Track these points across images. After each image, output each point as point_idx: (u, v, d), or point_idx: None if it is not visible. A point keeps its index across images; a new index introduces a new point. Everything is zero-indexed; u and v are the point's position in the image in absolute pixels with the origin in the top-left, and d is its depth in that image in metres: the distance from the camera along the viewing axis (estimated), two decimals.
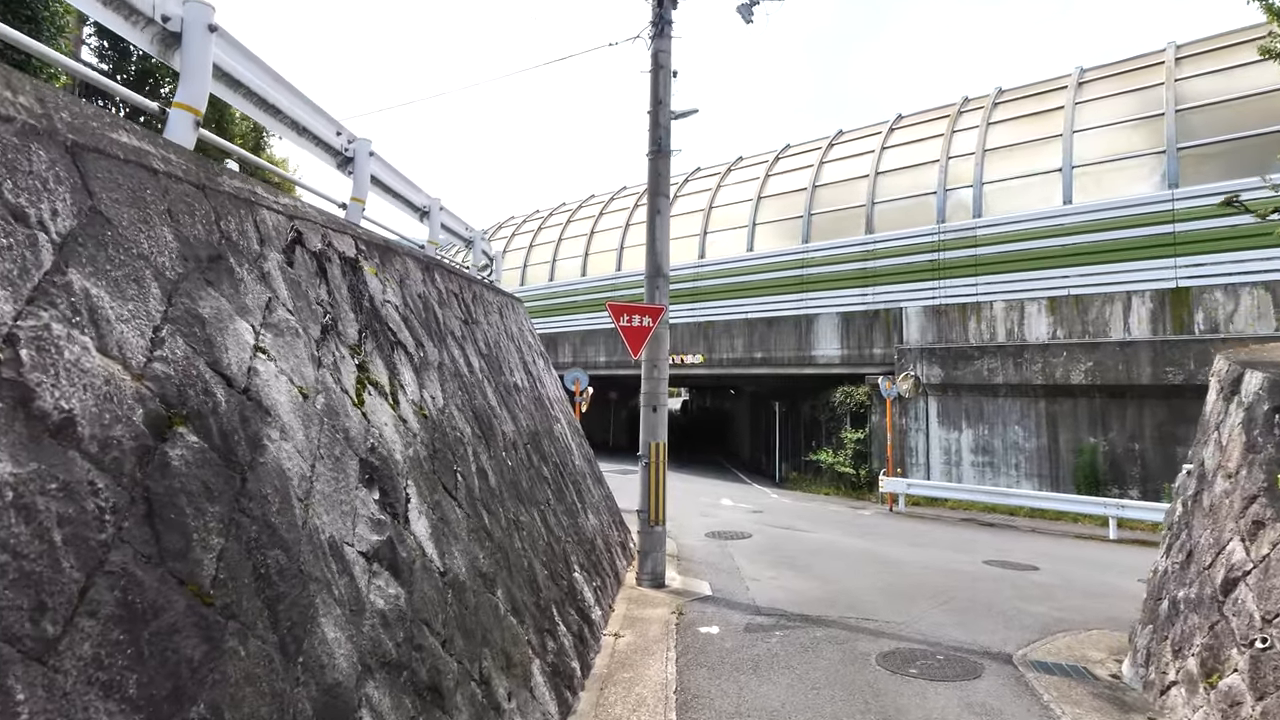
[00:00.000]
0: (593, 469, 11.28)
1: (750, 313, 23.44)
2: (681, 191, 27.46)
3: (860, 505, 18.46)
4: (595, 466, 11.71)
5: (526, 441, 7.01)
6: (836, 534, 13.82)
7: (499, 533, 4.76)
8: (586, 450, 11.44)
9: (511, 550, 4.91)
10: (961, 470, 18.53)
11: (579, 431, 11.72)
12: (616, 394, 34.52)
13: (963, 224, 19.36)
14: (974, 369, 18.34)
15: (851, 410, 20.78)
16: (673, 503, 18.64)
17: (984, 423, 18.31)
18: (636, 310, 8.60)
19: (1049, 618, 7.98)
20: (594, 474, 11.10)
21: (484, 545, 4.35)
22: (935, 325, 19.52)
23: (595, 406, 36.29)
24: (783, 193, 23.81)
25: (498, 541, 4.64)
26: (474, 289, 7.97)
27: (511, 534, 5.07)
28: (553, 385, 11.10)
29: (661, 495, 8.88)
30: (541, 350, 11.81)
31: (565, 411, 11.22)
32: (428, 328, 5.31)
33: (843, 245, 21.52)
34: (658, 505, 8.85)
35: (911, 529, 14.75)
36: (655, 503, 8.83)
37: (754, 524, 14.74)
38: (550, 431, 8.65)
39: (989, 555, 11.93)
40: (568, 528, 7.09)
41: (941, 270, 19.56)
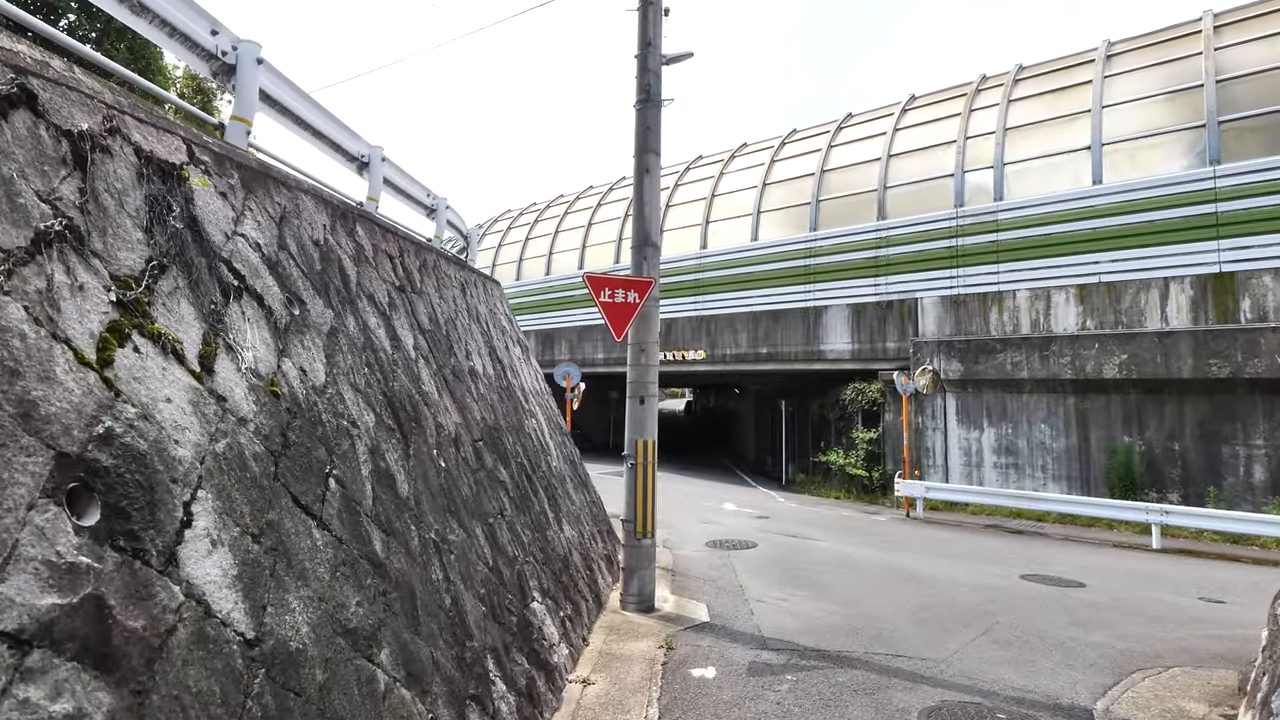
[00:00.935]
0: (576, 471, 9.90)
1: (755, 305, 22.03)
2: (683, 180, 26.09)
3: (874, 510, 17.02)
4: (580, 469, 10.33)
5: (479, 438, 5.63)
6: (850, 543, 12.40)
7: (401, 562, 3.37)
8: (570, 450, 10.06)
9: (424, 584, 3.53)
10: (983, 472, 17.08)
11: (561, 429, 10.34)
12: (617, 393, 33.10)
13: (982, 208, 17.93)
14: (996, 363, 16.90)
15: (863, 408, 19.35)
16: (672, 507, 17.25)
17: (1007, 421, 16.86)
18: (620, 284, 7.22)
19: (1115, 651, 6.55)
20: (578, 477, 9.72)
21: (364, 585, 2.96)
22: (953, 316, 18.08)
23: (594, 405, 34.95)
24: (789, 179, 22.41)
25: (396, 575, 3.25)
26: (424, 256, 6.60)
27: (428, 561, 3.68)
28: (531, 377, 9.72)
29: (651, 503, 7.49)
30: (520, 338, 10.44)
31: (545, 406, 9.85)
32: (322, 284, 3.94)
33: (853, 233, 20.10)
34: (646, 515, 7.46)
35: (932, 537, 13.31)
36: (643, 512, 7.45)
37: (759, 531, 13.33)
38: (519, 427, 7.27)
39: (1024, 568, 10.49)
40: (530, 544, 5.71)
41: (960, 258, 18.13)
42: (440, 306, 6.39)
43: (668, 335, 24.25)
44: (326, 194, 4.77)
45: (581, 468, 10.42)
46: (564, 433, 10.43)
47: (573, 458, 10.04)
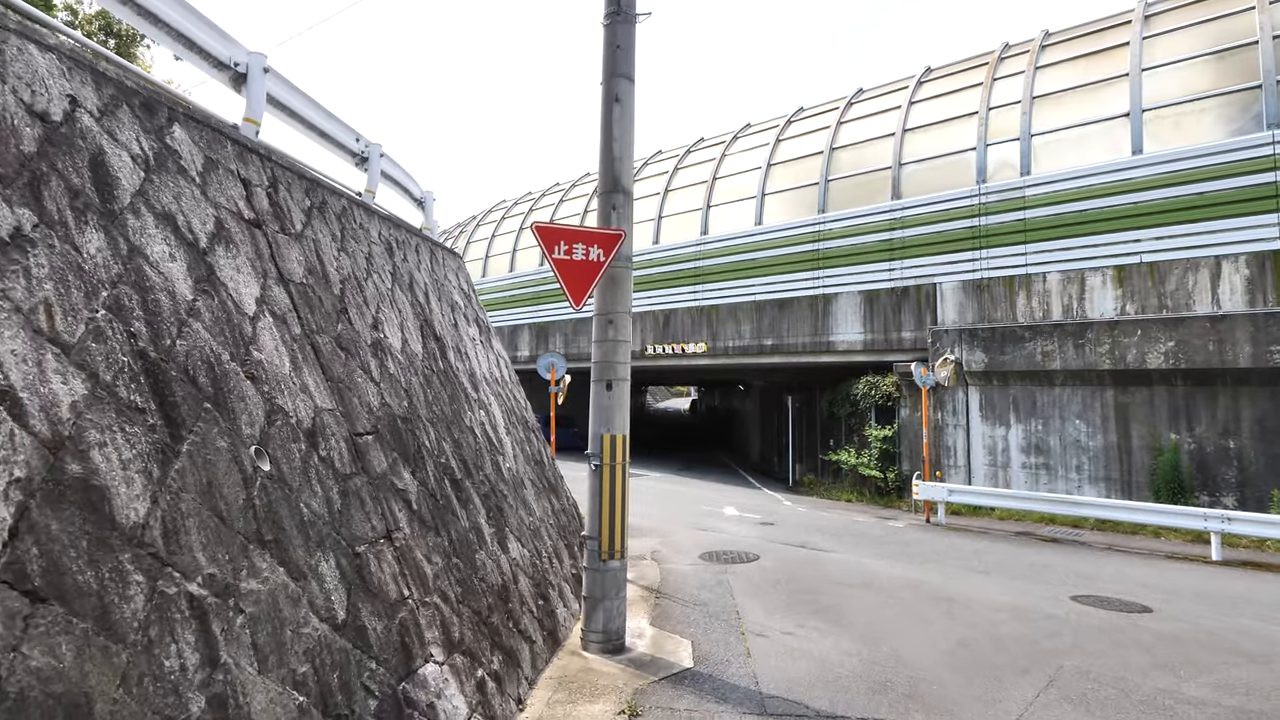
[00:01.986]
0: (544, 474, 8.33)
1: (759, 294, 20.41)
2: (682, 164, 24.50)
3: (889, 515, 15.37)
4: (550, 470, 8.75)
5: (366, 430, 4.07)
6: (868, 555, 10.77)
7: (68, 654, 1.81)
8: (536, 449, 8.49)
9: (132, 686, 1.97)
10: (1010, 473, 15.42)
11: (527, 423, 8.76)
12: None
13: (1008, 183, 16.25)
14: (1024, 353, 15.22)
15: (876, 404, 17.70)
16: (667, 512, 15.64)
17: (1037, 417, 15.18)
18: (581, 236, 5.63)
19: (1228, 710, 4.93)
20: (544, 481, 8.14)
21: None
22: (976, 302, 16.42)
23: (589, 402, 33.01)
24: (796, 158, 20.76)
25: (47, 678, 1.70)
26: (321, 198, 5.04)
27: (158, 639, 2.12)
28: (488, 362, 8.15)
29: (621, 514, 5.90)
30: (481, 318, 8.87)
31: (507, 397, 8.28)
32: (33, 174, 2.39)
33: (865, 214, 18.45)
34: (615, 529, 5.88)
35: (958, 547, 11.67)
36: (611, 526, 5.86)
37: (763, 540, 11.73)
38: (453, 420, 5.70)
39: (1073, 586, 8.85)
40: (439, 575, 4.14)
41: (983, 238, 16.46)
42: (336, 260, 4.83)
43: (666, 327, 22.67)
44: (114, 72, 3.21)
45: (552, 469, 8.84)
46: (531, 427, 8.86)
47: (540, 457, 8.47)
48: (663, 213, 23.52)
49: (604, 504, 5.83)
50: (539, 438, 8.91)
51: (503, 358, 9.06)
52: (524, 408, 8.97)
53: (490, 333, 8.96)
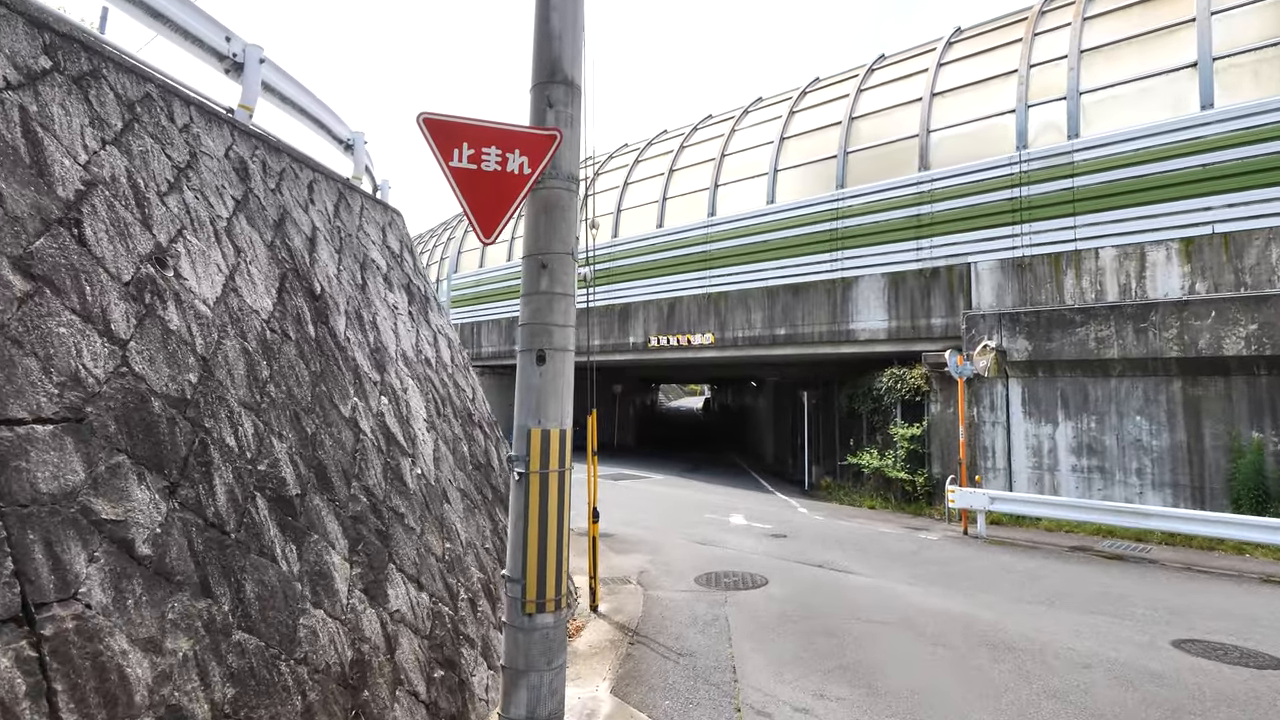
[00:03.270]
0: (488, 481, 6.49)
1: (771, 279, 18.48)
2: (689, 141, 22.61)
3: (919, 525, 13.40)
4: (496, 478, 6.92)
5: (50, 414, 2.29)
6: (899, 577, 8.85)
7: None
8: (479, 450, 6.66)
9: None
10: (1057, 478, 13.40)
11: (470, 417, 6.92)
12: (622, 387, 29.67)
13: (1053, 148, 14.24)
14: (1075, 339, 13.21)
15: (902, 399, 15.74)
16: (665, 519, 13.50)
17: (1090, 412, 13.16)
18: (496, 136, 3.78)
19: None
20: (484, 492, 6.30)
21: None
22: (1016, 283, 14.42)
23: (596, 401, 31.13)
24: (811, 130, 18.81)
25: None
26: (145, 91, 3.24)
27: None
28: (414, 338, 6.32)
29: (557, 546, 4.04)
30: (414, 285, 7.05)
31: (439, 383, 6.46)
32: None
33: (889, 188, 16.48)
34: (549, 569, 4.00)
35: (1009, 567, 9.72)
36: (542, 563, 3.99)
37: (773, 557, 9.84)
38: (315, 407, 3.89)
39: (1167, 626, 6.89)
40: (167, 678, 2.34)
41: (1024, 211, 14.45)
42: (96, 155, 3.02)
43: (670, 317, 20.79)
44: None
45: (500, 476, 7.00)
46: (478, 423, 7.03)
47: (487, 460, 6.64)
48: (667, 194, 21.64)
49: (531, 530, 3.97)
50: (491, 435, 7.08)
51: (444, 335, 7.25)
52: (470, 398, 7.14)
53: (429, 304, 7.15)
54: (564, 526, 4.10)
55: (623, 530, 11.66)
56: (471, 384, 7.43)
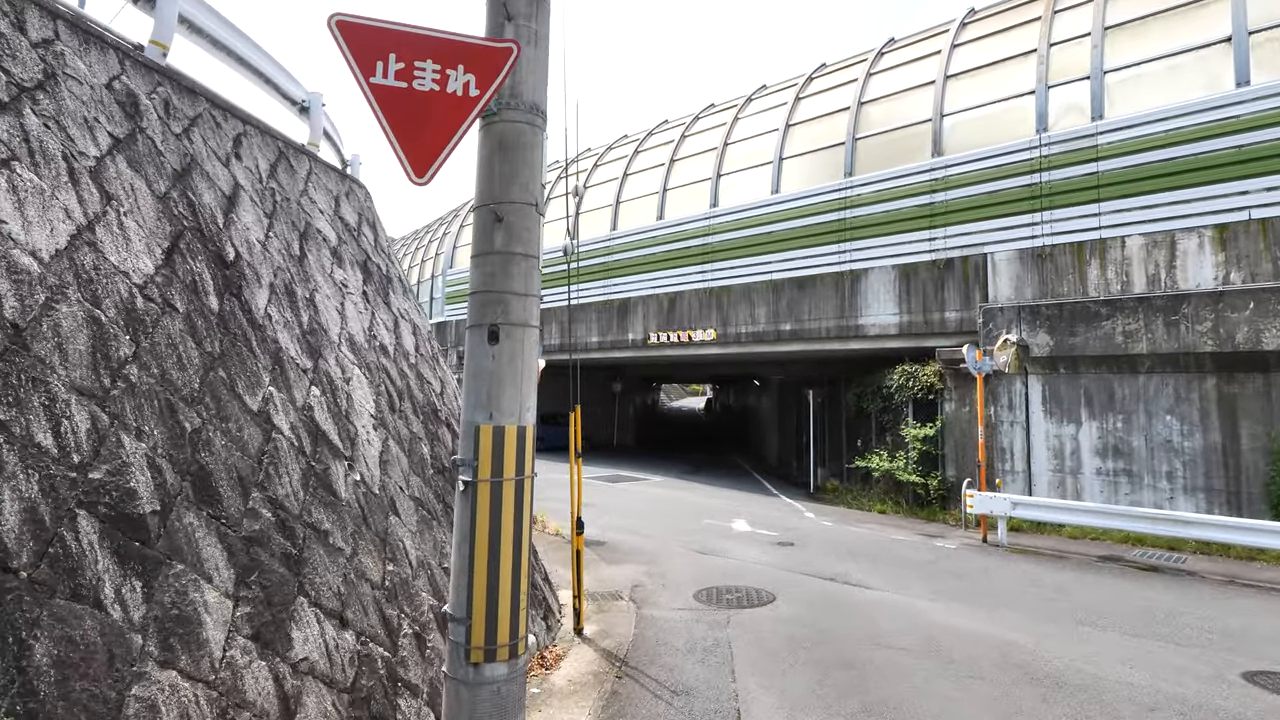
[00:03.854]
0: (447, 483, 5.64)
1: (776, 272, 17.62)
2: (690, 130, 21.75)
3: (934, 532, 12.53)
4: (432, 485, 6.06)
5: None
6: (919, 592, 7.98)
7: None
8: (445, 452, 5.80)
9: None
10: (1081, 481, 12.52)
11: (436, 414, 6.07)
12: (621, 386, 28.81)
13: (1075, 130, 13.36)
14: (1100, 333, 12.33)
15: (914, 397, 14.86)
16: (664, 525, 11.89)
17: (1116, 411, 12.28)
18: (432, 47, 2.96)
19: None
20: (438, 500, 5.45)
21: None
22: (1036, 274, 13.54)
23: (594, 399, 30.56)
24: (818, 116, 17.95)
25: None
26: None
27: None
28: (366, 321, 5.47)
29: (514, 575, 3.17)
30: (372, 263, 6.21)
31: (397, 374, 5.61)
32: None
33: (900, 175, 15.61)
34: (502, 605, 3.14)
35: (1037, 579, 8.84)
36: (493, 598, 3.11)
37: (779, 568, 8.97)
38: (205, 396, 3.07)
39: (1232, 652, 6.00)
40: None
41: (1045, 197, 13.58)
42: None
43: (670, 312, 19.93)
44: None
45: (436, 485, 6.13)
46: (445, 421, 6.17)
47: (430, 459, 5.77)
48: (667, 185, 20.78)
49: (480, 556, 3.11)
50: (449, 435, 6.22)
51: (409, 320, 6.39)
52: (438, 392, 6.29)
53: (391, 285, 6.31)
54: (522, 551, 3.27)
55: (617, 537, 10.81)
56: (440, 376, 6.58)
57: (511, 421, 3.29)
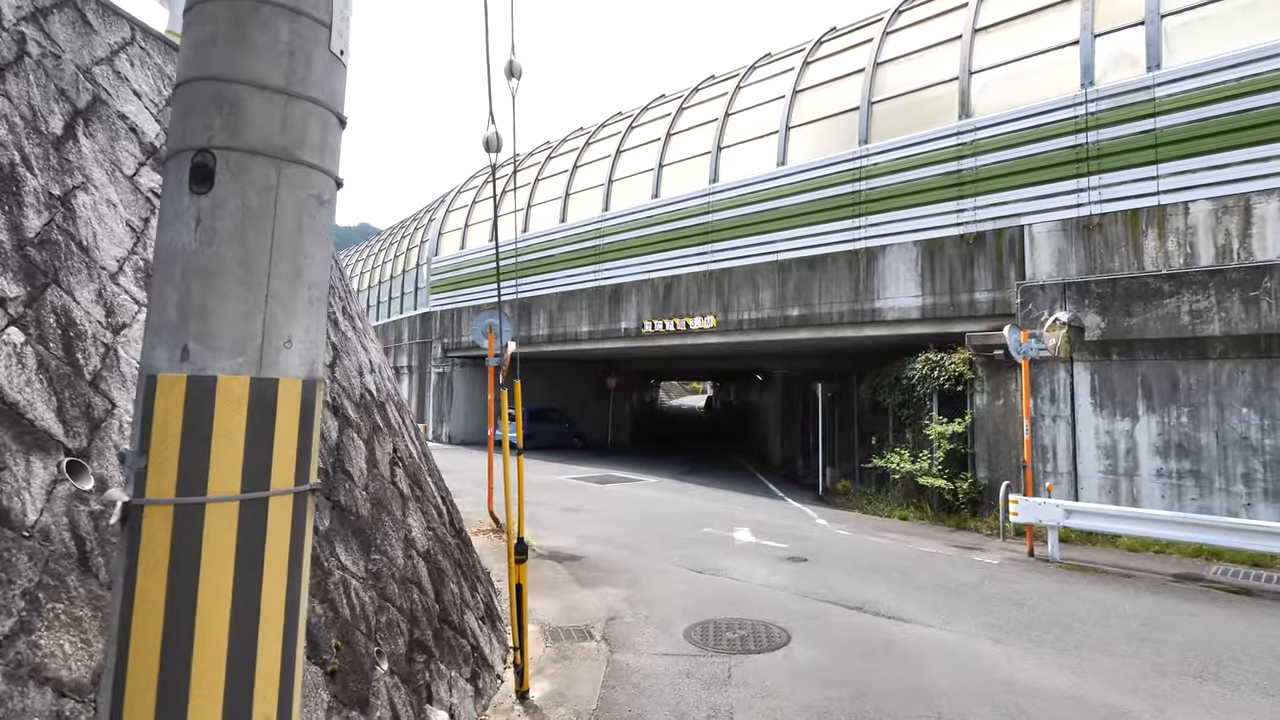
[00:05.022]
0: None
1: (782, 251, 15.84)
2: (688, 103, 19.96)
3: (969, 543, 10.74)
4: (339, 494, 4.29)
5: None
6: (973, 628, 6.21)
7: None
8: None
9: None
10: (1137, 484, 10.75)
11: None
12: (616, 381, 27.05)
13: (1128, 82, 11.58)
14: (1162, 313, 10.56)
15: (940, 389, 13.07)
16: (653, 535, 9.52)
17: (1180, 403, 10.50)
18: None
19: None
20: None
21: None
22: (1082, 247, 11.76)
23: (588, 395, 28.77)
24: (829, 80, 16.17)
25: None
26: None
27: None
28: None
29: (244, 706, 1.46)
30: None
31: None
32: None
33: (923, 140, 13.83)
34: None
35: (1111, 607, 7.05)
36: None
37: (793, 593, 7.19)
38: None
39: None
40: None
41: (1091, 160, 11.80)
42: None
43: (667, 298, 18.16)
44: None
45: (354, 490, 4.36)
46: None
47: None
48: (663, 161, 19.01)
49: (136, 671, 1.35)
50: (359, 421, 4.44)
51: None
52: (326, 362, 4.51)
53: None
54: (294, 655, 1.41)
55: (597, 550, 9.05)
56: (342, 340, 4.82)
57: (246, 367, 1.46)
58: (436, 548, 4.82)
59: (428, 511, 5.02)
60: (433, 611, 4.30)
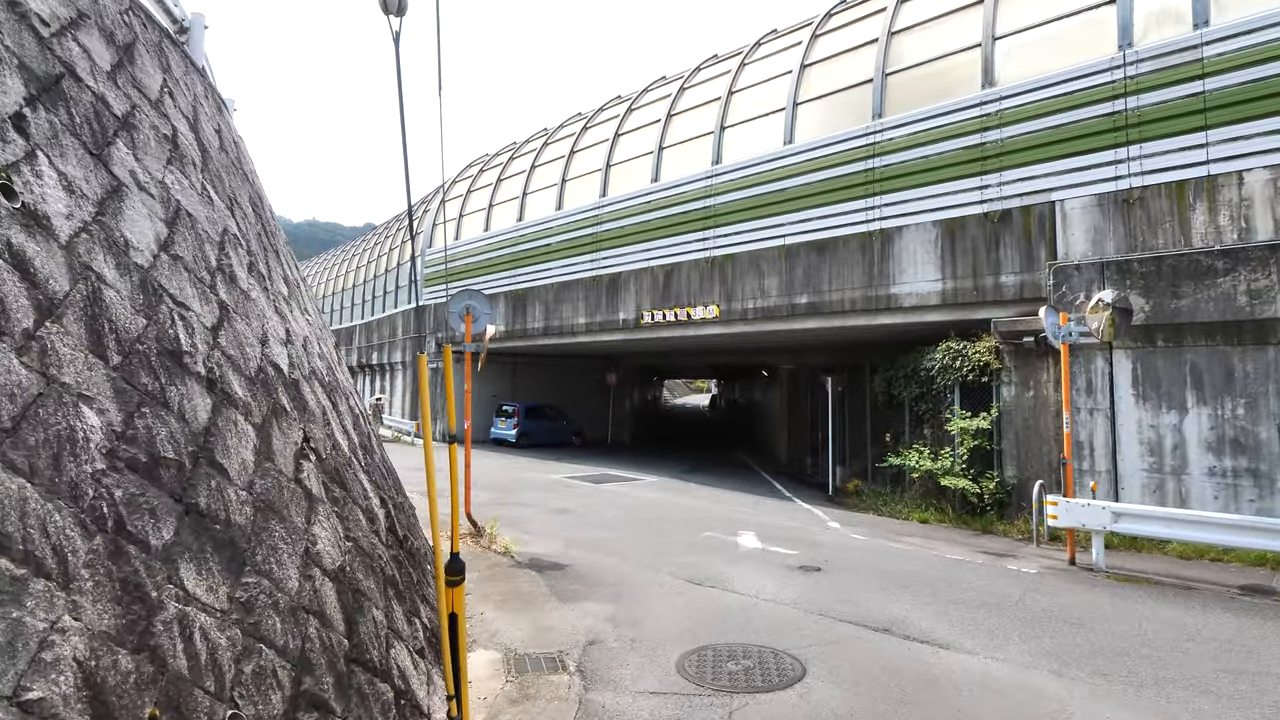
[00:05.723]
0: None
1: (790, 235, 14.75)
2: (690, 82, 18.89)
3: (1000, 549, 9.64)
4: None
5: None
6: (1025, 656, 5.12)
7: None
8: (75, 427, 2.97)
9: None
10: (1185, 483, 9.64)
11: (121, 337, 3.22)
12: (616, 377, 25.99)
13: (1172, 42, 10.47)
14: (1215, 294, 9.46)
15: (963, 380, 11.97)
16: (646, 541, 8.20)
17: (1235, 394, 9.39)
18: None
19: None
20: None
21: None
22: (1121, 224, 10.66)
23: (587, 392, 27.65)
24: (840, 52, 15.08)
25: None
26: None
27: None
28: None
29: None
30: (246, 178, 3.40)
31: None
32: None
33: (942, 112, 12.73)
34: None
35: (1183, 627, 5.95)
36: None
37: (805, 610, 6.11)
38: None
39: None
40: None
41: (1131, 128, 10.69)
42: None
43: (666, 288, 17.10)
44: None
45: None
46: (186, 372, 3.32)
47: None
48: (663, 143, 17.94)
49: None
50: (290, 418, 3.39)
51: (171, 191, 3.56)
52: (209, 324, 3.45)
53: (136, 133, 3.46)
54: None
55: (583, 558, 7.98)
56: (227, 299, 3.76)
57: None
58: (357, 563, 3.76)
59: (350, 517, 3.97)
60: (338, 650, 3.25)
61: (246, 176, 5.57)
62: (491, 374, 24.73)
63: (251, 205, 5.22)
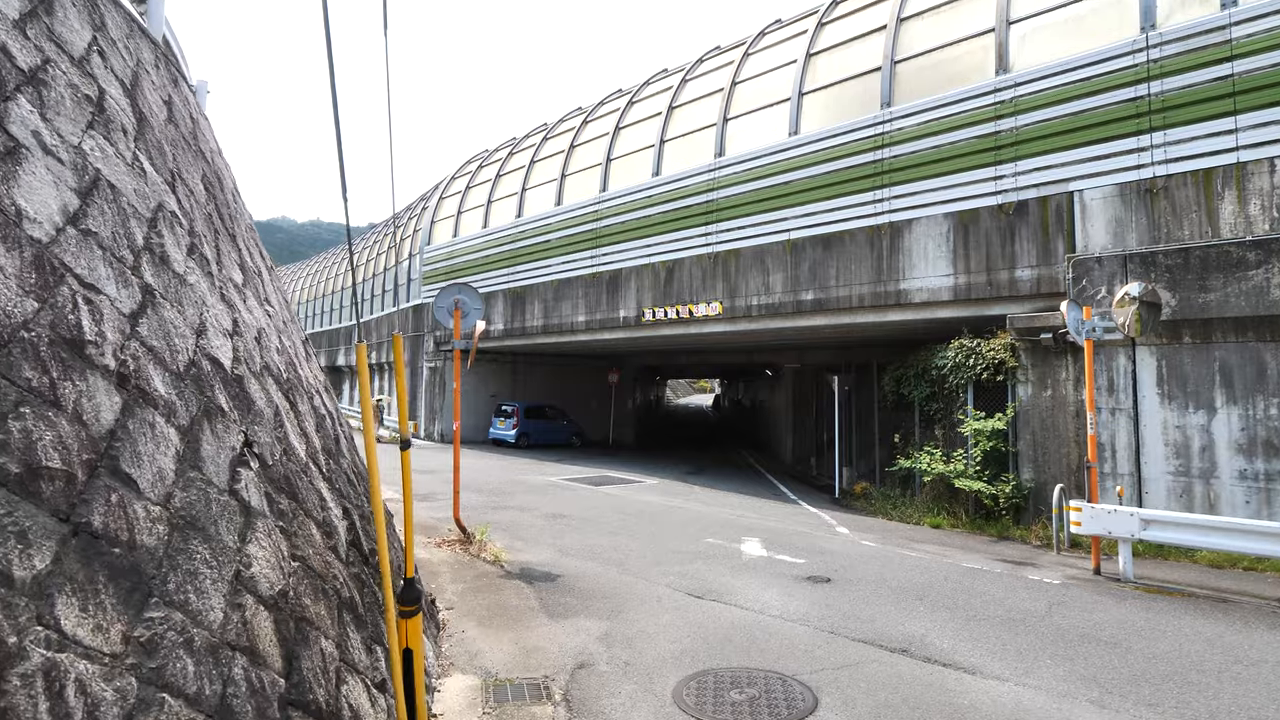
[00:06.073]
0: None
1: (795, 229, 14.25)
2: (692, 74, 18.40)
3: (1018, 557, 9.12)
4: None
5: None
6: (1061, 683, 4.59)
7: None
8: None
9: None
10: (1214, 487, 9.11)
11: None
12: (618, 377, 25.52)
13: (1198, 23, 9.95)
14: (1246, 286, 8.93)
15: (977, 379, 11.45)
16: (645, 548, 7.53)
17: (1269, 393, 8.86)
18: None
19: None
20: None
21: None
22: (1145, 214, 10.14)
23: (587, 391, 27.17)
24: (846, 41, 14.56)
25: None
26: None
27: None
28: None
29: None
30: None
31: None
32: None
33: (954, 100, 12.22)
34: None
35: (1229, 648, 5.42)
36: None
37: (815, 628, 5.60)
38: None
39: None
40: None
41: (1155, 114, 10.17)
42: None
43: (668, 284, 16.60)
44: None
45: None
46: (91, 366, 2.84)
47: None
48: (665, 136, 17.45)
49: None
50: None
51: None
52: (125, 310, 2.97)
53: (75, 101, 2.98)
54: None
55: (577, 567, 7.49)
56: (169, 281, 3.29)
57: None
58: (304, 587, 3.28)
59: (299, 532, 3.48)
60: (271, 692, 2.76)
61: (203, 154, 5.09)
62: (491, 374, 24.27)
63: (205, 185, 4.73)
